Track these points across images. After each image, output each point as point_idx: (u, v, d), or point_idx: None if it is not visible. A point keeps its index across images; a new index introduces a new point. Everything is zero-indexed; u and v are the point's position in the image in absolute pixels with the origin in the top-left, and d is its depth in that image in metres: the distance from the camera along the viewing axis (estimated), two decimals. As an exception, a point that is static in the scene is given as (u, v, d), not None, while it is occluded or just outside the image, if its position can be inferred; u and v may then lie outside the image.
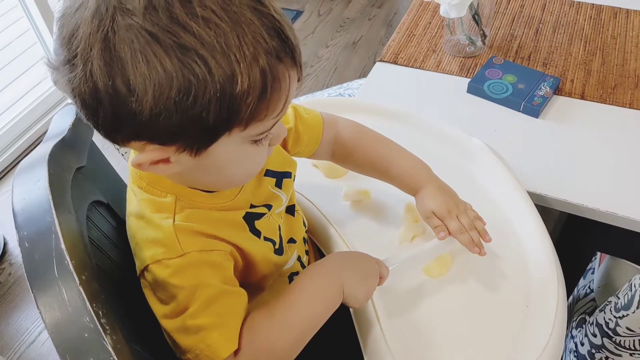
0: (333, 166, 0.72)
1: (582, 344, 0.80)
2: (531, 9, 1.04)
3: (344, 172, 0.72)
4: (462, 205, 0.60)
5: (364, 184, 0.70)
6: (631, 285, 0.68)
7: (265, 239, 0.53)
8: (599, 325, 0.75)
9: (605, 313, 0.73)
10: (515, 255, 0.63)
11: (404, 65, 0.95)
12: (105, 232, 0.55)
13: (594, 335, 0.76)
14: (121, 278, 0.52)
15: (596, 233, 0.86)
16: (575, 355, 0.82)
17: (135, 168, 0.42)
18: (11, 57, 1.88)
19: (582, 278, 0.92)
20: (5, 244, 1.49)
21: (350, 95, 1.13)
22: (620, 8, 1.02)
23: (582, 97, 0.86)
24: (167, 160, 0.41)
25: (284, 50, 0.39)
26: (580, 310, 0.87)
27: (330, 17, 2.25)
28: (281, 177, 0.56)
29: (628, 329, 0.68)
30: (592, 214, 0.72)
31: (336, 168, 0.72)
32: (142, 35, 0.35)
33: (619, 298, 0.69)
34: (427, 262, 0.61)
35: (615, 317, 0.70)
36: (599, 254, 0.90)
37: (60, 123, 0.54)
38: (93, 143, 0.59)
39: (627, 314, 0.68)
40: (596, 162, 0.77)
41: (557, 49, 0.95)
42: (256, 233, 0.51)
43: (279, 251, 0.55)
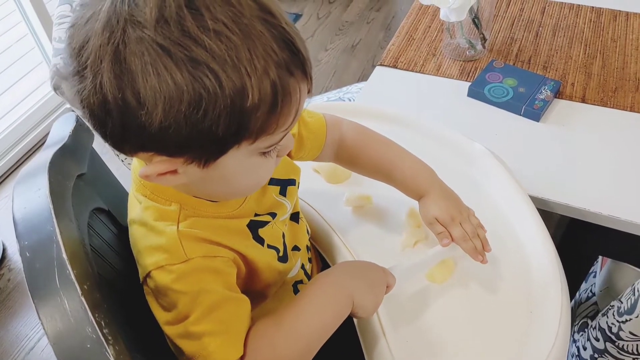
0: (334, 171, 0.71)
1: (585, 348, 0.79)
2: (531, 12, 1.04)
3: (345, 177, 0.72)
4: (465, 212, 0.60)
5: (366, 189, 0.69)
6: (634, 290, 0.68)
7: (269, 246, 0.52)
8: (601, 329, 0.74)
9: (608, 317, 0.73)
10: (518, 261, 0.63)
11: (404, 69, 0.95)
12: (107, 240, 0.54)
13: (597, 340, 0.76)
14: (123, 286, 0.51)
15: (598, 236, 0.85)
16: (577, 360, 0.81)
17: (142, 179, 0.42)
18: (10, 61, 1.88)
19: (583, 282, 0.92)
20: (4, 250, 1.48)
21: (350, 99, 1.12)
22: (619, 11, 1.02)
23: (583, 101, 0.86)
24: (174, 172, 0.41)
25: (294, 63, 0.38)
26: (582, 314, 0.87)
27: (329, 21, 2.25)
28: (285, 184, 0.56)
29: (631, 333, 0.68)
30: (595, 218, 0.71)
31: (338, 173, 0.72)
32: (153, 48, 0.35)
33: (622, 302, 0.69)
34: (430, 260, 0.61)
35: (618, 321, 0.70)
36: (600, 257, 0.90)
37: (61, 130, 0.53)
38: (93, 150, 0.58)
39: (631, 319, 0.67)
40: (598, 166, 0.77)
41: (557, 52, 0.95)
42: (259, 241, 0.51)
43: (283, 259, 0.55)
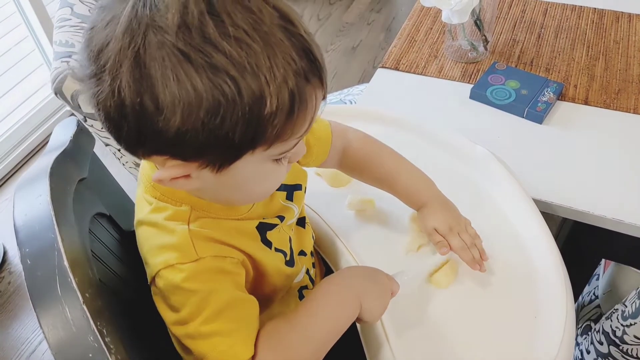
0: (337, 175, 0.71)
1: (588, 352, 0.79)
2: (533, 14, 1.04)
3: (347, 181, 0.72)
4: (462, 223, 0.61)
5: (369, 193, 0.69)
6: (638, 293, 0.67)
7: (277, 250, 0.52)
8: (605, 333, 0.74)
9: (612, 321, 0.72)
10: (522, 265, 0.62)
11: (406, 71, 0.95)
12: (108, 245, 0.54)
13: (600, 343, 0.76)
14: (124, 292, 0.51)
15: (601, 239, 0.85)
16: (581, 363, 0.81)
17: (156, 183, 0.42)
18: (10, 64, 1.88)
19: (586, 284, 0.92)
20: (5, 253, 1.48)
21: (351, 101, 1.12)
22: (622, 12, 1.02)
23: (586, 103, 0.86)
24: (187, 176, 0.41)
25: (312, 71, 0.38)
26: (585, 317, 0.86)
27: (329, 22, 2.25)
28: (292, 189, 0.56)
29: (636, 337, 0.68)
30: (598, 221, 0.71)
31: (340, 177, 0.71)
32: (174, 54, 0.35)
33: (626, 306, 0.69)
34: (433, 265, 0.61)
35: (622, 325, 0.69)
36: (603, 260, 0.90)
37: (61, 135, 0.53)
38: (94, 154, 0.58)
39: (635, 322, 0.67)
40: (601, 169, 0.76)
41: (559, 54, 0.95)
42: (267, 244, 0.51)
43: (290, 263, 0.55)
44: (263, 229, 0.51)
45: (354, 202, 0.68)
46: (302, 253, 0.59)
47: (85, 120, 0.81)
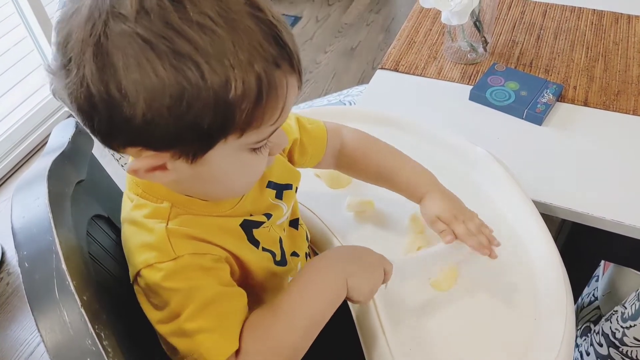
0: (336, 176, 0.71)
1: (588, 354, 0.79)
2: (532, 15, 1.04)
3: (347, 182, 0.72)
4: (468, 212, 0.60)
5: (368, 194, 0.69)
6: (638, 295, 0.67)
7: (264, 249, 0.52)
8: (605, 334, 0.74)
9: (611, 322, 0.72)
10: (521, 266, 0.62)
11: (405, 73, 0.95)
12: (106, 247, 0.54)
13: (600, 345, 0.75)
14: (122, 294, 0.51)
15: (600, 241, 0.85)
16: (581, 365, 0.81)
17: (130, 174, 0.42)
18: (8, 64, 1.87)
19: (586, 286, 0.92)
20: (3, 254, 1.48)
21: (350, 102, 1.12)
22: (621, 13, 1.02)
23: (585, 104, 0.86)
24: (163, 168, 0.41)
25: (281, 56, 0.38)
26: (584, 319, 0.86)
27: (328, 23, 2.25)
28: (282, 189, 0.55)
29: (635, 339, 0.68)
30: (598, 223, 0.71)
31: (339, 178, 0.71)
32: (135, 41, 0.35)
33: (626, 308, 0.69)
34: (433, 267, 0.60)
35: (622, 327, 0.69)
36: (603, 261, 0.90)
37: (60, 136, 0.53)
38: (92, 155, 0.58)
39: (635, 324, 0.67)
40: (601, 170, 0.76)
41: (559, 56, 0.95)
42: (254, 243, 0.51)
43: (281, 262, 0.54)
44: (248, 226, 0.50)
45: (353, 204, 0.68)
46: (294, 254, 0.58)
47: (84, 122, 0.81)
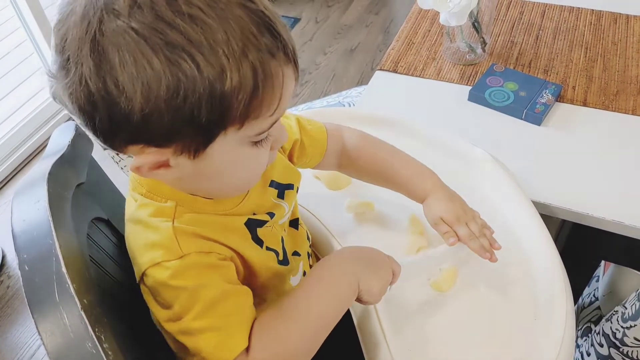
0: (336, 178, 0.71)
1: (589, 354, 0.79)
2: (530, 16, 1.04)
3: (346, 183, 0.72)
4: (470, 213, 0.60)
5: (368, 195, 0.69)
6: (638, 295, 0.67)
7: (268, 248, 0.52)
8: (605, 335, 0.74)
9: (612, 323, 0.72)
10: (521, 267, 0.62)
11: (404, 74, 0.95)
12: (106, 250, 0.54)
13: (601, 345, 0.75)
14: (123, 298, 0.51)
15: (600, 241, 0.85)
16: (582, 365, 0.81)
17: (133, 172, 0.42)
18: (8, 68, 1.88)
19: (586, 286, 0.92)
20: (3, 257, 1.48)
21: (349, 104, 1.12)
22: (620, 14, 1.02)
23: (584, 104, 0.86)
24: (166, 165, 0.41)
25: (275, 46, 0.38)
26: (585, 319, 0.86)
27: (327, 24, 2.25)
28: (284, 188, 0.55)
29: (636, 339, 0.68)
30: (598, 223, 0.71)
31: (338, 180, 0.71)
32: (129, 34, 0.35)
33: (626, 308, 0.69)
34: (435, 267, 0.60)
35: (622, 327, 0.69)
36: (603, 261, 0.90)
37: (60, 140, 0.53)
38: (92, 158, 0.58)
39: (635, 324, 0.67)
40: (600, 170, 0.76)
41: (557, 56, 0.95)
42: (258, 242, 0.51)
43: (283, 262, 0.54)
44: (252, 225, 0.50)
45: (353, 205, 0.68)
46: (295, 254, 0.59)
47: (84, 124, 0.81)
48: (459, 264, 0.61)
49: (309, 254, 0.63)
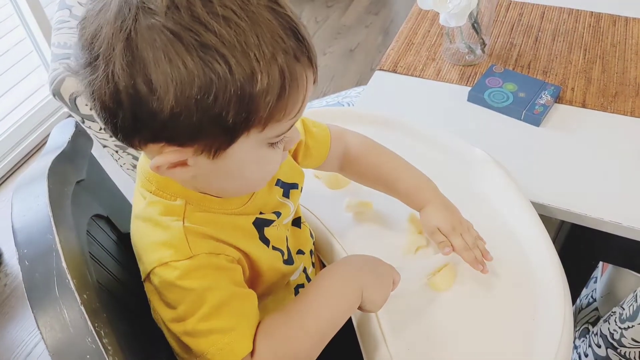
0: (335, 177, 0.71)
1: (586, 355, 0.79)
2: (530, 17, 1.05)
3: (346, 183, 0.72)
4: (465, 224, 0.61)
5: (367, 195, 0.69)
6: (636, 296, 0.67)
7: (274, 248, 0.52)
8: (603, 336, 0.74)
9: (609, 324, 0.73)
10: (520, 267, 0.62)
11: (404, 74, 0.95)
12: (105, 247, 0.54)
13: (599, 346, 0.76)
14: (121, 294, 0.51)
15: (599, 242, 0.85)
16: (579, 366, 0.81)
17: (153, 171, 0.42)
18: (7, 65, 1.87)
19: (584, 287, 0.92)
20: (1, 255, 1.47)
21: (349, 104, 1.12)
22: (619, 16, 1.02)
23: (583, 106, 0.86)
24: (184, 164, 0.41)
25: (300, 50, 0.39)
26: (583, 320, 0.87)
27: (327, 25, 2.26)
28: (289, 187, 0.56)
29: (634, 340, 0.68)
30: (596, 224, 0.71)
31: (338, 179, 0.71)
32: (165, 34, 0.35)
33: (624, 309, 0.69)
34: (433, 267, 0.61)
35: (620, 328, 0.70)
36: (601, 262, 0.90)
37: (59, 136, 0.53)
38: (92, 155, 0.58)
39: (633, 325, 0.67)
40: (598, 171, 0.76)
41: (556, 57, 0.95)
42: (265, 241, 0.51)
43: (288, 261, 0.55)
44: (260, 225, 0.51)
45: (352, 205, 0.68)
46: (299, 252, 0.59)
47: (83, 122, 0.81)
48: (457, 263, 0.61)
49: (311, 251, 0.63)
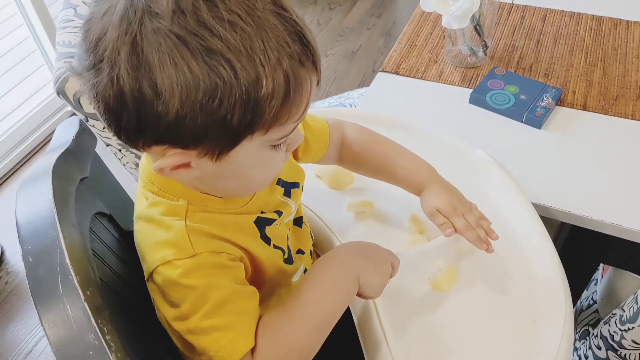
0: (337, 177, 0.71)
1: (587, 357, 0.79)
2: (532, 20, 1.05)
3: (347, 182, 0.72)
4: (467, 205, 0.61)
5: (368, 195, 0.69)
6: (636, 298, 0.68)
7: (275, 247, 0.52)
8: (603, 337, 0.74)
9: (610, 325, 0.73)
10: (521, 268, 0.62)
11: (406, 76, 0.95)
12: (108, 244, 0.54)
13: (599, 348, 0.76)
14: (124, 291, 0.51)
15: (599, 244, 0.85)
16: (579, 368, 0.81)
17: (157, 173, 0.42)
18: (11, 64, 1.88)
19: (585, 289, 0.92)
20: (2, 253, 1.47)
21: (351, 105, 1.13)
22: (620, 19, 1.03)
23: (584, 108, 0.87)
24: (187, 165, 0.41)
25: (305, 54, 0.39)
26: (583, 322, 0.87)
27: (329, 27, 2.26)
28: (290, 187, 0.56)
29: (634, 342, 0.68)
30: (596, 226, 0.71)
31: (340, 179, 0.72)
32: (170, 38, 0.35)
33: (624, 311, 0.69)
34: (432, 266, 0.60)
35: (620, 329, 0.70)
36: (601, 264, 0.90)
37: (64, 134, 0.53)
38: (95, 153, 0.58)
39: (633, 327, 0.67)
40: (599, 174, 0.77)
41: (558, 60, 0.95)
42: (266, 240, 0.51)
43: (288, 260, 0.55)
44: (262, 224, 0.51)
45: (354, 204, 0.68)
46: (300, 252, 0.59)
47: (87, 120, 0.81)
48: (459, 264, 0.61)
49: (311, 251, 0.63)
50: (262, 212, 0.52)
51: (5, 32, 1.91)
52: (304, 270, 0.60)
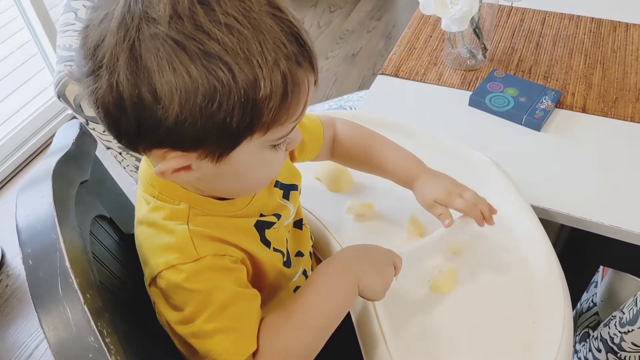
0: (336, 180, 0.72)
1: (587, 359, 0.79)
2: (531, 23, 1.05)
3: (347, 185, 0.72)
4: (460, 186, 0.62)
5: (368, 197, 0.69)
6: (636, 300, 0.68)
7: (275, 249, 0.53)
8: (603, 340, 0.74)
9: (609, 328, 0.73)
10: (520, 270, 0.63)
11: (405, 79, 0.96)
12: (108, 247, 0.54)
13: (599, 350, 0.76)
14: (123, 294, 0.51)
15: (599, 246, 0.85)
16: (579, 370, 0.81)
17: (158, 176, 0.42)
18: (12, 67, 1.89)
19: (585, 292, 0.92)
20: (3, 256, 1.48)
21: (351, 108, 1.13)
22: (619, 22, 1.03)
23: (584, 111, 0.87)
24: (188, 168, 0.42)
25: (302, 55, 0.40)
26: (583, 324, 0.87)
27: (330, 29, 2.27)
28: (288, 189, 0.57)
29: (633, 344, 0.68)
30: (596, 228, 0.71)
31: (339, 181, 0.72)
32: (168, 43, 0.36)
33: (624, 313, 0.69)
34: (432, 269, 0.61)
35: (620, 332, 0.70)
36: (601, 267, 0.90)
37: (64, 137, 0.54)
38: (96, 157, 0.58)
39: (633, 329, 0.67)
40: (599, 176, 0.77)
41: (557, 63, 0.96)
42: (266, 243, 0.52)
43: (287, 263, 0.55)
44: (261, 227, 0.51)
45: (354, 207, 0.69)
46: (299, 254, 0.59)
47: (87, 124, 0.82)
48: (458, 266, 0.61)
49: (311, 253, 0.63)
50: (262, 215, 0.52)
51: (6, 36, 1.92)
52: (303, 272, 0.60)
